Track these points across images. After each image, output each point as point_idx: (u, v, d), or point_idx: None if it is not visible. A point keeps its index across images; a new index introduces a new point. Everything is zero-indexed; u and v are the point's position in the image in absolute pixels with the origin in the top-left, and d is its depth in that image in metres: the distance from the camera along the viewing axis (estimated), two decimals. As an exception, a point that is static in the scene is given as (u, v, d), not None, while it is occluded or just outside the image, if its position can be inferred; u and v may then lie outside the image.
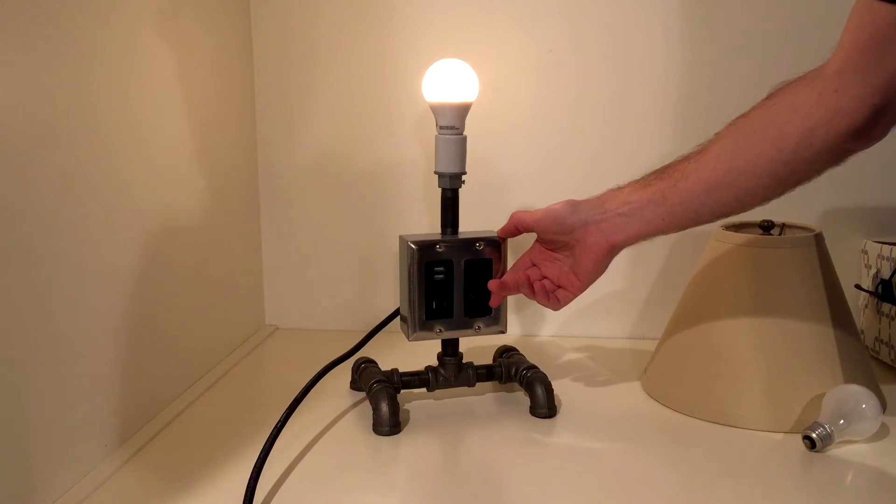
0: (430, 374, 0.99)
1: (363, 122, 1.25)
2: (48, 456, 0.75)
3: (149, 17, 0.93)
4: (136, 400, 0.91)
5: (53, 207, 0.76)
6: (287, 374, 1.08)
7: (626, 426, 0.95)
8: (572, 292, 0.91)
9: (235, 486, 0.78)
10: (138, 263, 0.91)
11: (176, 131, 1.01)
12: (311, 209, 1.28)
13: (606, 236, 0.87)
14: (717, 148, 0.80)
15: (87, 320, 0.81)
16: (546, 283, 0.92)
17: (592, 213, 0.87)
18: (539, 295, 0.92)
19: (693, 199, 0.81)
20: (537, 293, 0.92)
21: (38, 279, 0.73)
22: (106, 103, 0.84)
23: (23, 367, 0.72)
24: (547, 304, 0.92)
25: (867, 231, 1.20)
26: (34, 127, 0.73)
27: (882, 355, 1.11)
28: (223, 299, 1.16)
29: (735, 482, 0.81)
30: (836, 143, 0.72)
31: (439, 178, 0.96)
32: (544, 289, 0.92)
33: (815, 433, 0.86)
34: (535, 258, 0.94)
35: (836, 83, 0.70)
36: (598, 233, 0.87)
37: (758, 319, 0.94)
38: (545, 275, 0.92)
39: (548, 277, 0.92)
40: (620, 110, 1.20)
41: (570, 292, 0.91)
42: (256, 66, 1.25)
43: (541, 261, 0.93)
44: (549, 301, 0.92)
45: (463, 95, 0.94)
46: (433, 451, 0.89)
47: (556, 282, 0.92)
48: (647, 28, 1.18)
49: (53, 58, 0.75)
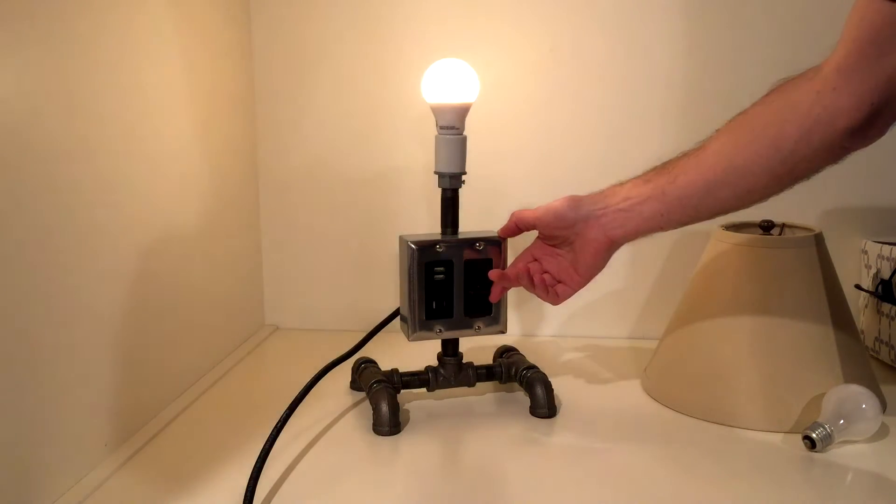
0: (430, 374, 0.99)
1: (363, 122, 1.25)
2: (48, 456, 0.75)
3: (149, 21, 0.93)
4: (136, 400, 0.91)
5: (54, 208, 0.76)
6: (287, 374, 1.08)
7: (626, 426, 0.95)
8: (572, 287, 0.91)
9: (235, 487, 0.78)
10: (139, 264, 0.91)
11: (176, 132, 1.01)
12: (310, 209, 1.28)
13: (606, 232, 0.87)
14: (717, 145, 0.80)
15: (87, 320, 0.81)
16: (546, 277, 0.92)
17: (593, 209, 0.87)
18: (539, 288, 0.92)
19: (692, 196, 0.81)
20: (537, 286, 0.92)
21: (38, 279, 0.73)
22: (107, 107, 0.84)
23: (23, 366, 0.72)
24: (546, 298, 0.92)
25: (867, 231, 1.20)
26: (34, 128, 0.73)
27: (882, 355, 1.11)
28: (223, 299, 1.16)
29: (735, 482, 0.81)
30: (835, 141, 0.72)
31: (439, 178, 0.96)
32: (544, 282, 0.92)
33: (815, 433, 0.86)
34: (536, 253, 0.94)
35: (835, 81, 0.70)
36: (597, 228, 0.87)
37: (758, 319, 0.94)
38: (546, 269, 0.93)
39: (548, 272, 0.92)
40: (621, 110, 1.20)
41: (569, 287, 0.91)
42: (256, 66, 1.25)
43: (542, 256, 0.93)
44: (548, 295, 0.92)
45: (463, 96, 0.94)
46: (433, 451, 0.89)
47: (557, 276, 0.92)
48: (647, 28, 1.18)
49: (53, 60, 0.75)
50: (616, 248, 0.88)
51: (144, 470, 0.84)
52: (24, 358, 0.72)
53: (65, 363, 0.78)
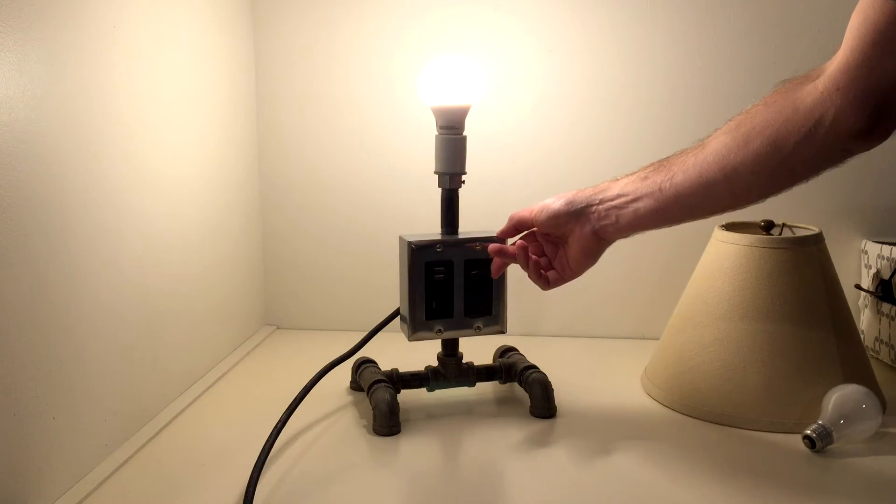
0: (430, 374, 0.99)
1: (363, 121, 1.25)
2: (48, 456, 0.75)
3: (153, 25, 0.93)
4: (136, 400, 0.91)
5: (54, 209, 0.76)
6: (287, 374, 1.08)
7: (625, 426, 0.95)
8: (563, 277, 0.91)
9: (235, 487, 0.78)
10: (139, 264, 0.91)
11: (178, 133, 1.01)
12: (311, 209, 1.28)
13: (598, 228, 0.86)
14: (716, 144, 0.79)
15: (87, 320, 0.81)
16: (542, 261, 0.92)
17: (587, 205, 0.87)
18: (532, 270, 0.92)
19: (689, 195, 0.81)
20: (530, 268, 0.92)
21: (38, 279, 0.73)
22: (110, 110, 0.84)
23: (23, 366, 0.72)
24: (536, 282, 0.92)
25: (867, 231, 1.20)
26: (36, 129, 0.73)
27: (882, 355, 1.11)
28: (223, 299, 1.16)
29: (735, 482, 0.81)
30: (837, 142, 0.71)
31: (439, 178, 0.96)
32: (538, 265, 0.92)
33: (815, 433, 0.86)
34: (538, 235, 0.93)
35: (838, 82, 0.70)
36: (590, 224, 0.87)
37: (758, 319, 0.94)
38: (544, 253, 0.92)
39: (545, 256, 0.92)
40: (621, 110, 1.20)
41: (560, 277, 0.91)
42: (258, 66, 1.25)
43: (543, 240, 0.93)
44: (538, 279, 0.92)
45: (462, 98, 0.94)
46: (433, 451, 0.89)
47: (552, 263, 0.92)
48: (648, 28, 1.18)
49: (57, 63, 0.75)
50: (608, 244, 0.88)
51: (144, 470, 0.83)
52: (24, 358, 0.72)
53: (65, 363, 0.78)
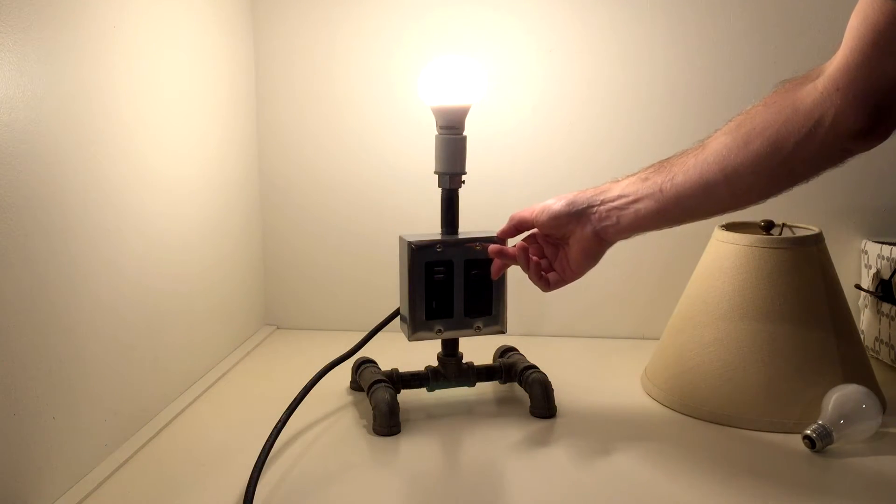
0: (430, 374, 0.99)
1: (363, 121, 1.25)
2: (48, 456, 0.75)
3: (153, 25, 0.93)
4: (136, 400, 0.91)
5: (54, 209, 0.76)
6: (287, 374, 1.08)
7: (625, 426, 0.95)
8: (564, 279, 0.91)
9: (235, 487, 0.78)
10: (139, 264, 0.91)
11: (178, 134, 1.01)
12: (311, 209, 1.28)
13: (598, 229, 0.86)
14: (717, 144, 0.79)
15: (87, 320, 0.81)
16: (543, 263, 0.92)
17: (588, 206, 0.87)
18: (532, 272, 0.92)
19: (689, 196, 0.81)
20: (531, 269, 0.92)
21: (38, 279, 0.73)
22: (111, 110, 0.84)
23: (23, 366, 0.72)
24: (537, 283, 0.92)
25: (867, 231, 1.20)
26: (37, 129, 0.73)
27: (882, 355, 1.11)
28: (223, 299, 1.16)
29: (735, 482, 0.81)
30: (837, 142, 0.71)
31: (439, 178, 0.96)
32: (538, 267, 0.92)
33: (815, 433, 0.86)
34: (539, 237, 0.93)
35: (838, 82, 0.70)
36: (590, 225, 0.87)
37: (758, 319, 0.94)
38: (544, 255, 0.92)
39: (546, 258, 0.92)
40: (621, 110, 1.20)
41: (561, 278, 0.91)
42: (258, 66, 1.25)
43: (544, 241, 0.93)
44: (539, 280, 0.92)
45: (462, 98, 0.94)
46: (433, 451, 0.89)
47: (552, 264, 0.92)
48: (648, 28, 1.18)
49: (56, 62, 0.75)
50: (608, 245, 0.88)
51: (144, 470, 0.83)
52: (24, 358, 0.72)
53: (65, 363, 0.78)
